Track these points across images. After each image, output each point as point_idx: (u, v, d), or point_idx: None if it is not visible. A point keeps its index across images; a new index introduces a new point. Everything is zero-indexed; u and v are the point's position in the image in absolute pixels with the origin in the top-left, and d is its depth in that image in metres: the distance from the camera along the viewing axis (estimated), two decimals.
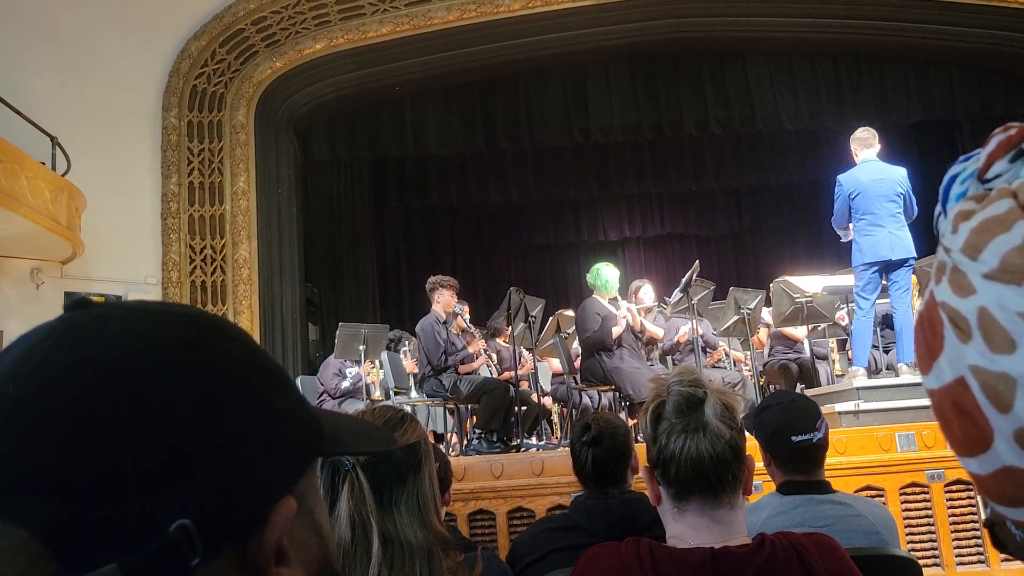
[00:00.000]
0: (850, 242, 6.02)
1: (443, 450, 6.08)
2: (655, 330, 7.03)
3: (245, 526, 0.48)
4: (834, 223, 6.18)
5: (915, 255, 5.85)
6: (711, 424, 1.33)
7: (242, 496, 0.48)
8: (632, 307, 6.70)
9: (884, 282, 6.02)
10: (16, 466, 0.44)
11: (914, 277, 7.12)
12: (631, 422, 6.31)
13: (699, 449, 1.32)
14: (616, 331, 6.41)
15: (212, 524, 0.46)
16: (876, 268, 5.89)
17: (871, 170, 5.93)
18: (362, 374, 7.23)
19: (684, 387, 1.35)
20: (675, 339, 7.47)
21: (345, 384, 7.50)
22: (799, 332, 7.65)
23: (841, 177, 6.03)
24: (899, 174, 5.92)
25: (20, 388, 0.46)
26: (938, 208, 0.53)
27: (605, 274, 6.64)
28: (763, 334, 8.09)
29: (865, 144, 6.04)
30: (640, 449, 1.80)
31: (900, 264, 5.81)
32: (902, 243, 5.79)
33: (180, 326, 0.51)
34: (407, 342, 8.44)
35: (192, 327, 0.52)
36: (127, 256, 8.61)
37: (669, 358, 7.73)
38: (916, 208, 5.95)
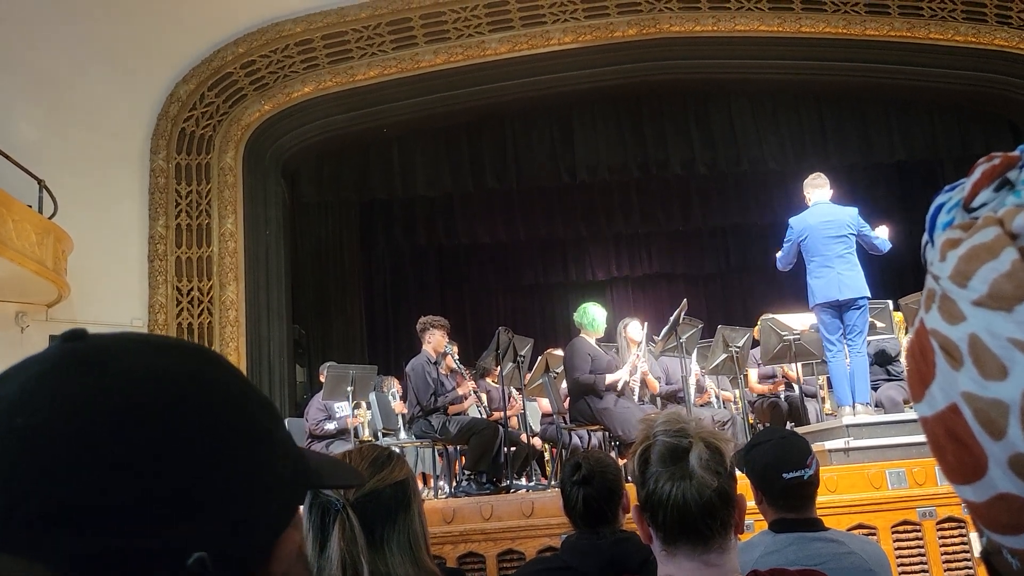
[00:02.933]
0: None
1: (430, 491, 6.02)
2: (654, 382, 6.95)
3: (255, 559, 0.49)
4: (779, 262, 6.40)
5: (866, 295, 5.95)
6: (696, 474, 1.30)
7: (253, 529, 0.48)
8: (642, 366, 6.62)
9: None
10: (34, 500, 0.42)
11: (899, 315, 7.16)
12: (621, 461, 6.25)
13: (686, 497, 1.30)
14: (621, 379, 6.36)
15: (226, 557, 0.46)
16: (830, 309, 5.96)
17: (820, 213, 6.09)
18: (349, 408, 7.13)
19: (669, 437, 1.33)
20: (674, 388, 7.39)
21: (330, 426, 7.39)
22: (791, 375, 7.62)
23: (792, 220, 6.22)
24: (848, 215, 6.01)
25: (29, 420, 0.44)
26: (925, 237, 0.54)
27: (592, 313, 6.64)
28: (753, 376, 8.02)
29: (816, 187, 6.20)
30: (631, 488, 1.78)
31: (851, 305, 5.88)
32: (849, 284, 5.88)
33: (182, 358, 0.51)
34: (393, 384, 8.39)
35: (192, 359, 0.52)
36: (113, 298, 8.56)
37: (658, 398, 7.67)
38: (882, 242, 6.02)
